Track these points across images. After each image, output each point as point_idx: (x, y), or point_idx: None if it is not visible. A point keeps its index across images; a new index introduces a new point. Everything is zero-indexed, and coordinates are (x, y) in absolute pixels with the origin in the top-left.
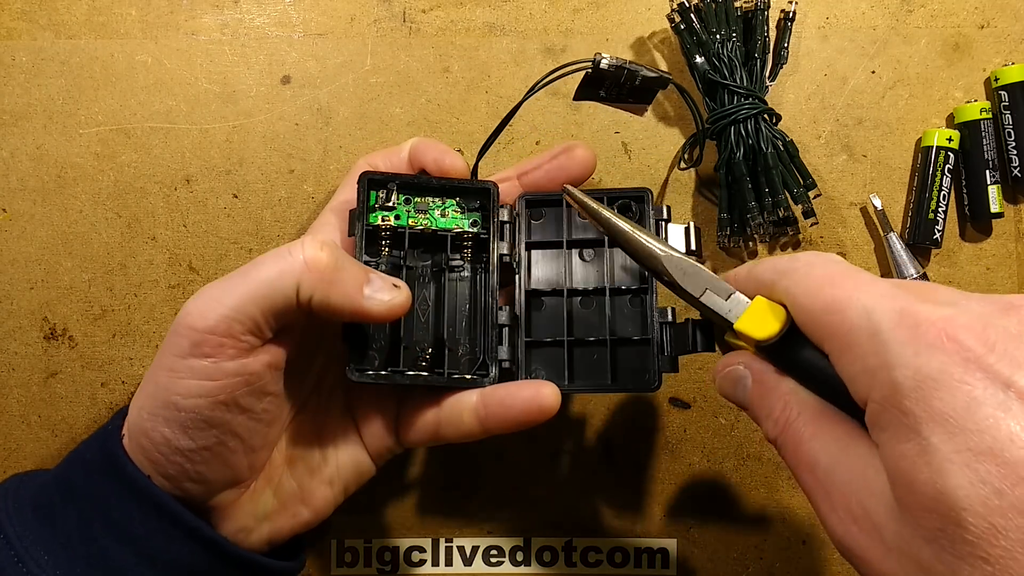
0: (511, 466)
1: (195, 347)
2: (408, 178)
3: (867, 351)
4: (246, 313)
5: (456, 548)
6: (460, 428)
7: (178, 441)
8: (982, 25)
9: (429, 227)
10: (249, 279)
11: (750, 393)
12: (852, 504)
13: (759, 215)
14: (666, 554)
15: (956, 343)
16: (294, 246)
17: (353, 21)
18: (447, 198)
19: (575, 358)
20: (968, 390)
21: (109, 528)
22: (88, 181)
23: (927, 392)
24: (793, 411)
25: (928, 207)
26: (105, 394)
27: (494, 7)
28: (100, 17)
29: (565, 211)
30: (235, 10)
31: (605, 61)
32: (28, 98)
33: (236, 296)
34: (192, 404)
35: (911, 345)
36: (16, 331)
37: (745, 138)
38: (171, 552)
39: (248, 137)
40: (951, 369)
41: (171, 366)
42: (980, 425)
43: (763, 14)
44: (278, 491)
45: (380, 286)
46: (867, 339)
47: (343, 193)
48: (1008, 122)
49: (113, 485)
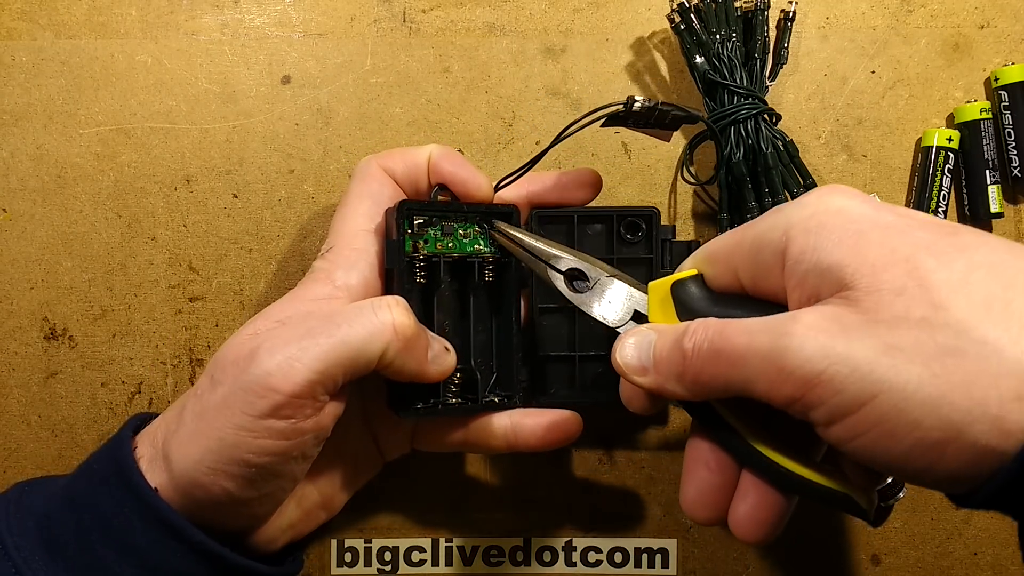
0: (511, 466)
1: (276, 409)
2: (443, 206)
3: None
4: (331, 377)
5: (456, 548)
6: (487, 447)
7: (240, 493)
8: (982, 25)
9: (456, 252)
10: (335, 340)
11: (657, 342)
12: (816, 326)
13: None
14: (666, 554)
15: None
16: (381, 307)
17: (353, 21)
18: (470, 220)
19: (579, 370)
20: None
21: (108, 538)
22: (88, 181)
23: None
24: (699, 326)
25: (928, 207)
26: (105, 394)
27: (494, 7)
28: (100, 17)
29: (576, 228)
30: (235, 10)
31: (637, 104)
32: (28, 98)
33: (321, 358)
34: (265, 462)
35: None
36: (16, 331)
37: (745, 138)
38: (171, 564)
39: (248, 137)
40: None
41: (244, 425)
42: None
43: (763, 14)
44: (302, 502)
45: (439, 351)
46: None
47: (361, 188)
48: (1008, 122)
49: (116, 495)
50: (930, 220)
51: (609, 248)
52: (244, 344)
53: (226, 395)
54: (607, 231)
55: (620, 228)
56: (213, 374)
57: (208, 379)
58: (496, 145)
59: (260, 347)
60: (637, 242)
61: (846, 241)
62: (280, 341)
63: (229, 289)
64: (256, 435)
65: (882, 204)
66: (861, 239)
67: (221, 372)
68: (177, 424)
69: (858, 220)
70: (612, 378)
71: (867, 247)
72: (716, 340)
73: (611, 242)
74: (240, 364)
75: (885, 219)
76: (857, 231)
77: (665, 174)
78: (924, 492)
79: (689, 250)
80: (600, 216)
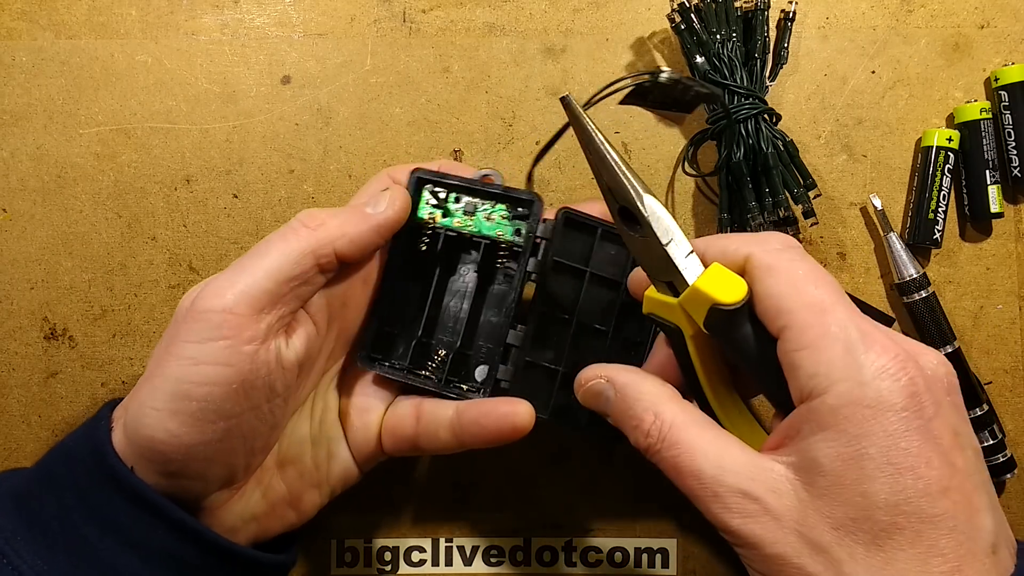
0: (511, 466)
1: (214, 329)
2: (456, 180)
3: (837, 359)
4: (262, 288)
5: (456, 548)
6: (437, 442)
7: (184, 435)
8: (982, 25)
9: (471, 231)
10: (258, 258)
11: (614, 405)
12: (745, 501)
13: (759, 215)
14: (666, 554)
15: (911, 381)
16: (295, 221)
17: (353, 21)
18: (496, 203)
19: (557, 389)
20: (909, 418)
21: (91, 517)
22: (88, 181)
23: (880, 412)
24: (665, 422)
25: (928, 207)
26: (105, 394)
27: (494, 7)
28: (100, 17)
29: (596, 241)
30: (235, 10)
31: (664, 75)
32: (28, 98)
33: (249, 274)
34: (206, 392)
35: (877, 370)
36: (16, 331)
37: (745, 138)
38: (155, 542)
39: (248, 137)
40: (902, 401)
41: (184, 353)
42: (910, 448)
43: (763, 14)
44: (267, 493)
45: (377, 198)
46: (842, 350)
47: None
48: (1008, 122)
49: (95, 475)
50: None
51: (621, 272)
52: (193, 291)
53: (171, 335)
54: (623, 255)
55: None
56: (167, 331)
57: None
58: (496, 145)
59: (201, 287)
60: None
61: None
62: (212, 278)
63: None
64: (194, 362)
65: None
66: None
67: (171, 322)
68: (137, 384)
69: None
70: (579, 404)
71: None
72: (673, 464)
73: (624, 266)
74: (185, 305)
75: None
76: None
77: (665, 173)
78: None
79: None
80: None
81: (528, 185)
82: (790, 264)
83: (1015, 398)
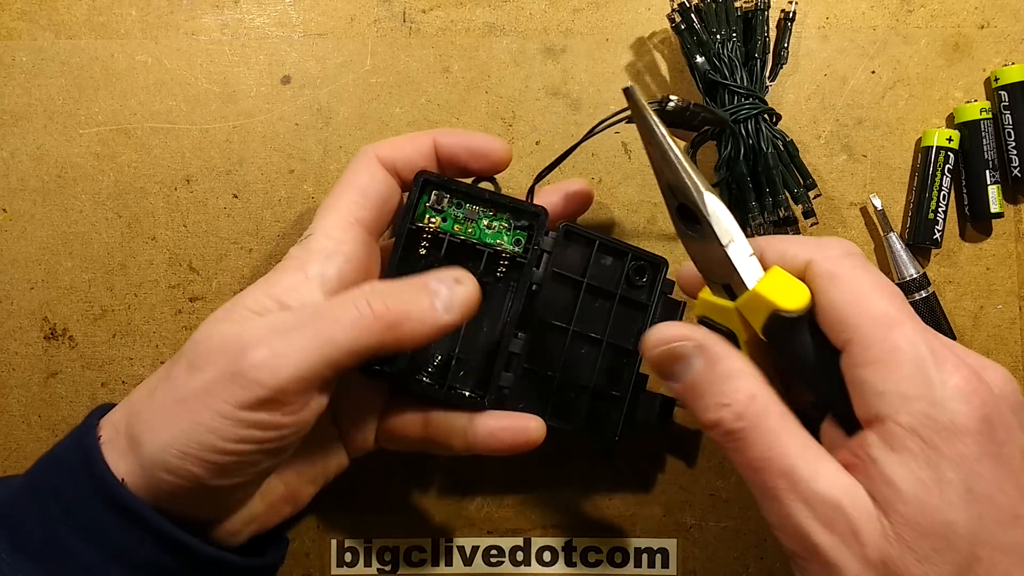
0: (511, 466)
1: (261, 403)
2: (464, 186)
3: (908, 377)
4: (320, 376)
5: (456, 548)
6: (447, 450)
7: (210, 480)
8: (982, 25)
9: (471, 238)
10: (322, 337)
11: (699, 374)
12: (837, 516)
13: (759, 215)
14: (666, 554)
15: (983, 403)
16: (359, 300)
17: (353, 21)
18: (498, 212)
19: (555, 393)
20: (983, 441)
21: (74, 527)
22: (88, 181)
23: (956, 435)
24: (761, 407)
25: (928, 207)
26: (105, 394)
27: (494, 7)
28: (100, 17)
29: (594, 253)
30: (235, 10)
31: (672, 104)
32: (28, 98)
33: (309, 356)
34: (239, 449)
35: (951, 390)
36: (16, 331)
37: (745, 138)
38: (139, 553)
39: (248, 137)
40: (976, 424)
41: (225, 414)
42: (984, 473)
43: (763, 14)
44: (266, 495)
45: (446, 293)
46: (912, 367)
47: (351, 178)
48: (1008, 122)
49: (81, 484)
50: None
51: (615, 283)
52: (228, 332)
53: (208, 382)
54: (619, 267)
55: (629, 267)
56: (191, 360)
57: (185, 364)
58: None
59: (246, 337)
60: (641, 286)
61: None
62: (268, 332)
63: (229, 289)
64: (236, 424)
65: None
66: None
67: (201, 359)
68: (147, 407)
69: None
70: (577, 408)
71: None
72: (762, 453)
73: (619, 278)
74: (226, 353)
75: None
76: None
77: None
78: None
79: (678, 309)
80: (616, 250)
81: (528, 199)
82: (853, 273)
83: None
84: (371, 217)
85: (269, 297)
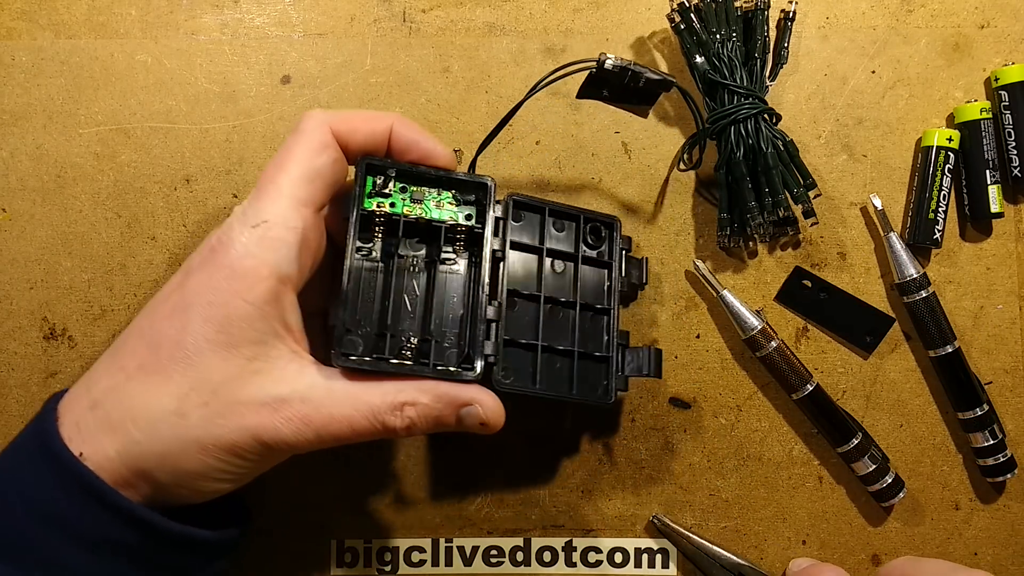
0: (511, 466)
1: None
2: (407, 167)
3: None
4: None
5: (456, 548)
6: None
7: (217, 492)
8: (982, 25)
9: (424, 217)
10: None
11: None
12: None
13: (759, 215)
14: (666, 554)
15: None
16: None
17: (353, 21)
18: (443, 190)
19: (541, 363)
20: None
21: (32, 511)
22: (88, 181)
23: None
24: None
25: (928, 207)
26: None
27: (494, 7)
28: (100, 17)
29: (545, 218)
30: (235, 10)
31: (609, 62)
32: (28, 98)
33: None
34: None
35: None
36: (16, 331)
37: (745, 138)
38: (98, 532)
39: (248, 137)
40: None
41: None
42: None
43: (763, 14)
44: None
45: (473, 410)
46: None
47: (303, 153)
48: (1008, 122)
49: (39, 466)
50: None
51: (574, 246)
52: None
53: (204, 420)
54: (575, 230)
55: (586, 231)
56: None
57: (142, 337)
58: (496, 145)
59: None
60: (599, 246)
61: None
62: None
63: None
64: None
65: None
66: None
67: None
68: (127, 395)
69: None
70: (563, 374)
71: None
72: None
73: (576, 241)
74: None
75: None
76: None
77: (664, 173)
78: (924, 492)
79: (641, 267)
80: (568, 215)
81: (471, 171)
82: None
83: (1015, 398)
84: (322, 198)
85: (209, 291)
